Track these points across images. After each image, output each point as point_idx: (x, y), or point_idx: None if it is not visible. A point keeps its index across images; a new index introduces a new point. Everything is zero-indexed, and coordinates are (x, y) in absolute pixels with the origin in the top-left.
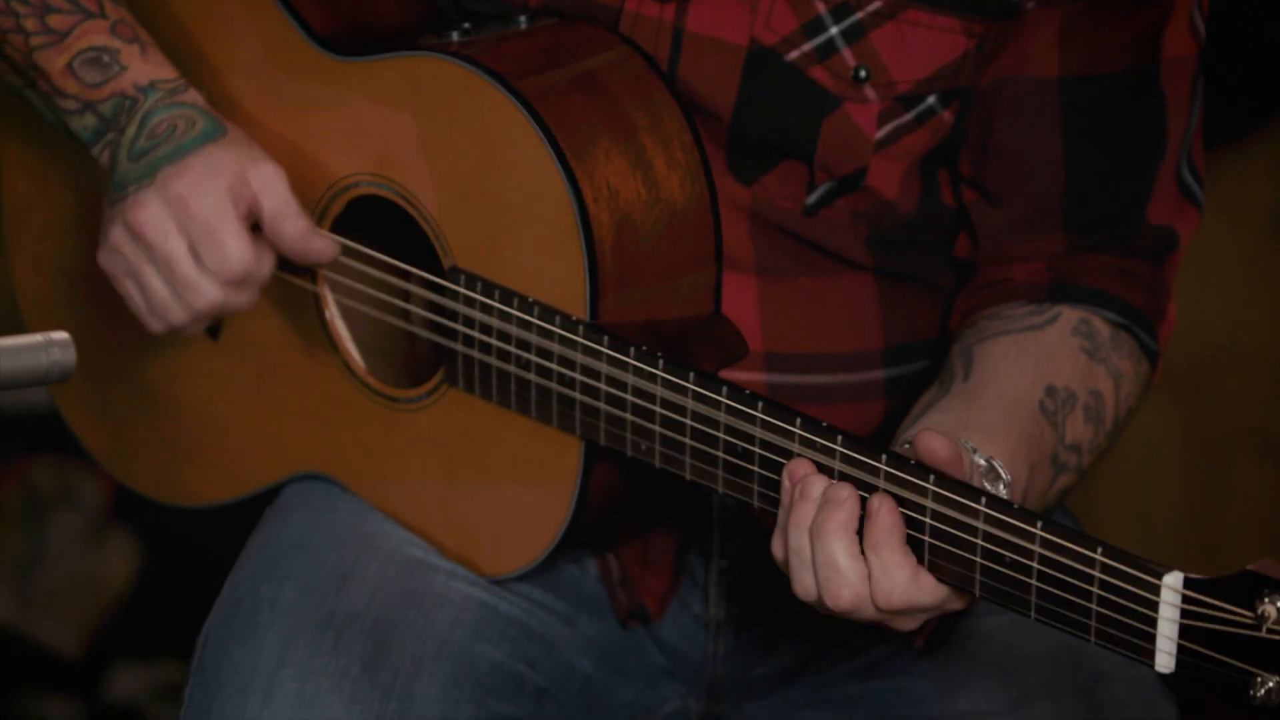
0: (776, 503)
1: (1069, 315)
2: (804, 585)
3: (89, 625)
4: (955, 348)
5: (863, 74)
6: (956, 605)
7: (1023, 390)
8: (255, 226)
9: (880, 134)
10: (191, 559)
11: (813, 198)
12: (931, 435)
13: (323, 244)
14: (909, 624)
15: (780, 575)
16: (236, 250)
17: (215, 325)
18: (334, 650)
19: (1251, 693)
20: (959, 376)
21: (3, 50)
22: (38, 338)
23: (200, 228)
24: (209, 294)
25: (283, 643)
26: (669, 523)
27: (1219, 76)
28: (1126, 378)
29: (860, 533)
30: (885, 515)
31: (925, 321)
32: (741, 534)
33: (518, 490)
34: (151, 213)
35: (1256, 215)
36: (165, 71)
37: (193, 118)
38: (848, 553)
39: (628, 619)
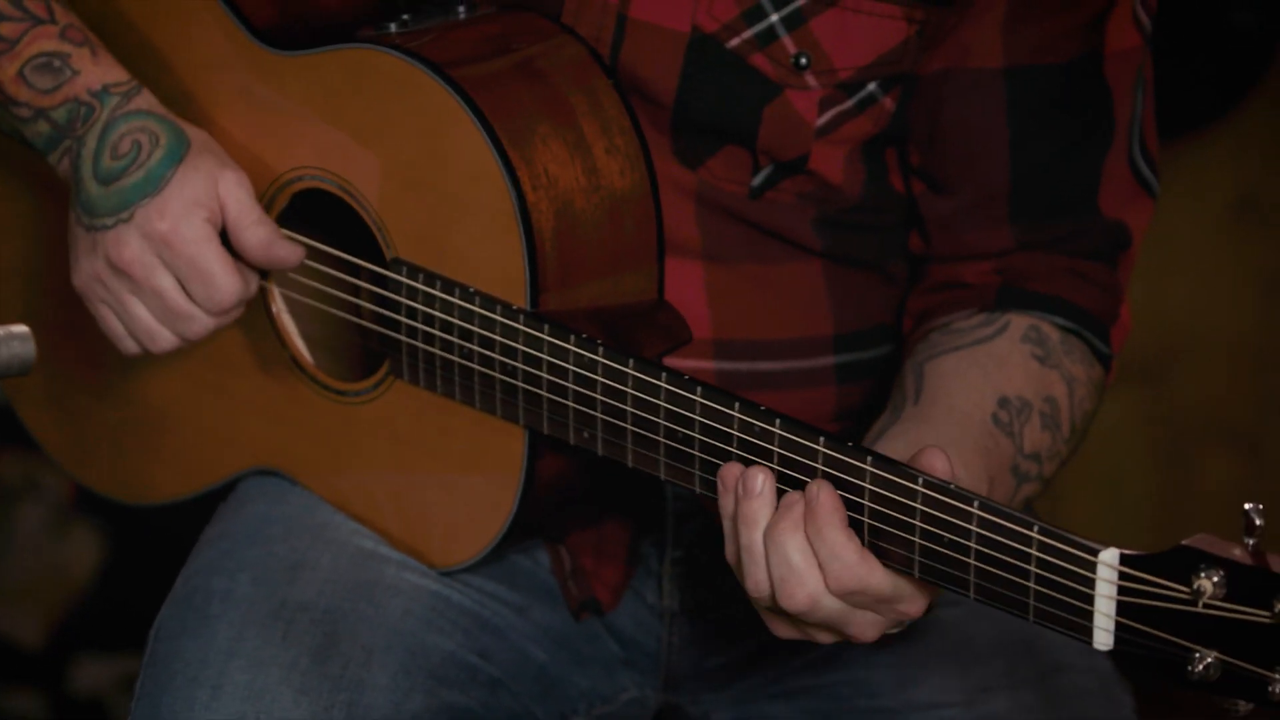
0: (716, 488)
1: (1018, 323)
2: (756, 582)
3: (52, 618)
4: (906, 364)
5: (803, 61)
6: (912, 607)
7: (973, 404)
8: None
9: (821, 121)
10: (155, 551)
11: (758, 180)
12: (935, 454)
13: (288, 250)
14: (867, 630)
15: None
16: (226, 284)
17: None
18: (284, 641)
19: (1189, 668)
20: (910, 399)
21: None
22: None
23: (187, 265)
24: (202, 323)
25: (234, 634)
26: (622, 513)
27: (1183, 64)
28: (1080, 382)
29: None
30: (825, 499)
31: (877, 309)
32: (695, 523)
33: (465, 481)
34: (135, 251)
35: (1220, 203)
36: (117, 74)
37: (155, 132)
38: (801, 550)
39: (580, 611)
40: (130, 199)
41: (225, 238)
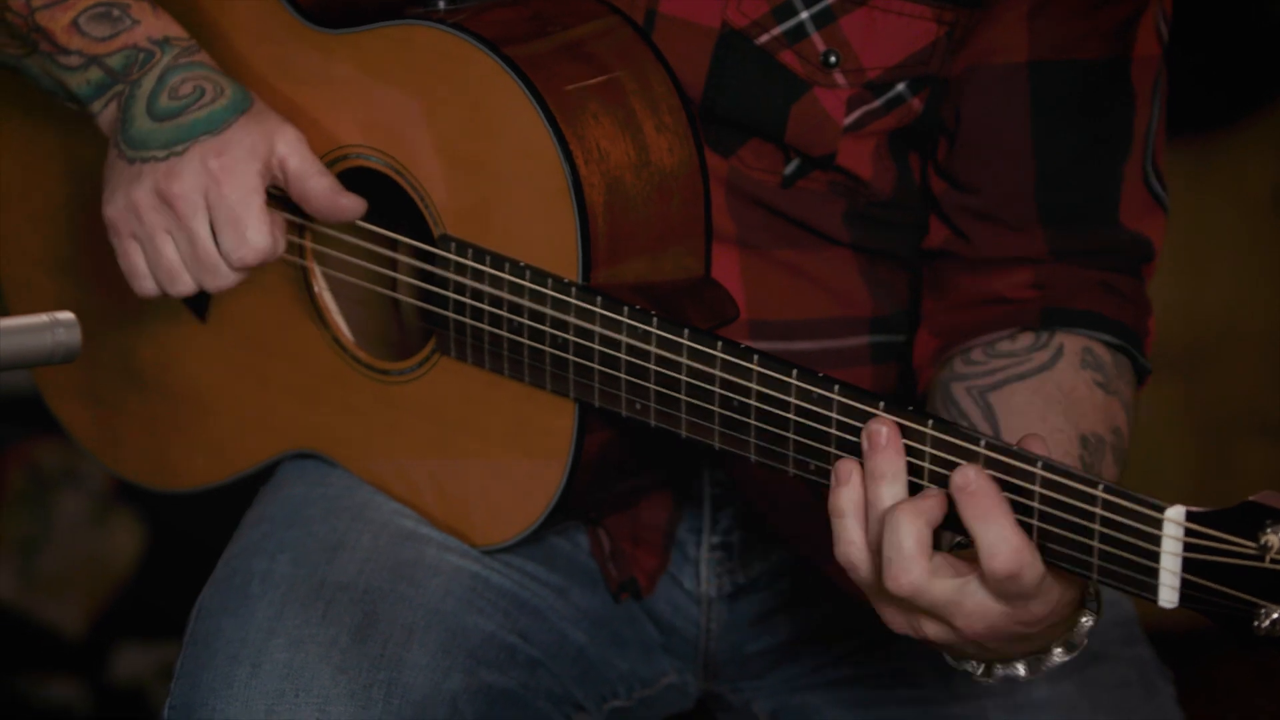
0: (773, 455)
1: (1071, 346)
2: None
3: (93, 606)
4: (957, 387)
5: (832, 59)
6: (1039, 606)
7: (1062, 451)
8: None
9: (848, 120)
10: (195, 539)
11: (789, 169)
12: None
13: (351, 199)
14: (975, 622)
15: (771, 550)
16: (256, 239)
17: (203, 307)
18: (323, 620)
19: (1256, 624)
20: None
21: (3, 18)
22: (43, 318)
23: (227, 211)
24: (225, 277)
25: (273, 613)
26: (660, 498)
27: (1218, 57)
28: (1132, 405)
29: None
30: (984, 483)
31: (906, 297)
32: (732, 509)
33: (512, 457)
34: (187, 185)
35: (1257, 197)
36: (178, 30)
37: (219, 83)
38: (917, 536)
39: (620, 592)
40: (189, 134)
41: (284, 198)
